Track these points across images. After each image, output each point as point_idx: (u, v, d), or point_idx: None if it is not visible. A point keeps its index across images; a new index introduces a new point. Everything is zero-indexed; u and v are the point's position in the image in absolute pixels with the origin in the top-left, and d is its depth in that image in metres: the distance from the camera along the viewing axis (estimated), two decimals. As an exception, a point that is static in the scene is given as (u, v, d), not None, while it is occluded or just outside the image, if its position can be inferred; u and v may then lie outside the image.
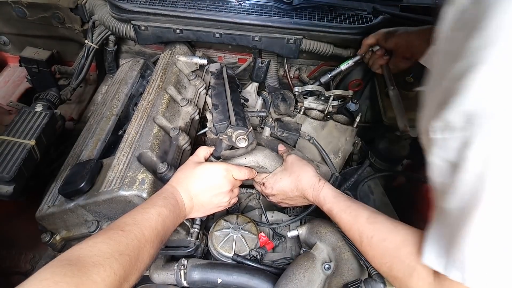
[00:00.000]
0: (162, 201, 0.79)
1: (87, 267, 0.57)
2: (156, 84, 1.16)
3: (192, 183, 0.87)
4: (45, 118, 1.07)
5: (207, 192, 0.89)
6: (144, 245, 0.68)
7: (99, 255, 0.60)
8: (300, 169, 0.99)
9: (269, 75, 1.41)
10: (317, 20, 1.28)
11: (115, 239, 0.65)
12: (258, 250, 0.98)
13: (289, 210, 1.17)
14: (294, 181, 0.98)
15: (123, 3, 1.24)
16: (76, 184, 0.93)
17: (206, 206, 0.90)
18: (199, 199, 0.88)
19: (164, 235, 0.76)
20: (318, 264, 0.88)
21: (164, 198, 0.80)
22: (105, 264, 0.59)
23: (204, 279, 0.92)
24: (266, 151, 1.02)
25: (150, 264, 0.73)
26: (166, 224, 0.76)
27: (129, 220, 0.71)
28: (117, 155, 0.97)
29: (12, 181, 0.95)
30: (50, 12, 1.38)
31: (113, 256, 0.61)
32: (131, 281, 0.64)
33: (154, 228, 0.72)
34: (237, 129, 0.96)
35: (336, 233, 0.92)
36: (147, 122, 1.04)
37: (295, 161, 1.02)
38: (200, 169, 0.90)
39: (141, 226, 0.70)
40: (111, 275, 0.58)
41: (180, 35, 1.27)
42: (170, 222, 0.78)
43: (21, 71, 1.58)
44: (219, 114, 1.02)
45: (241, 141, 0.96)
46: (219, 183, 0.89)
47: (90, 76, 1.59)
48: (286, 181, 1.00)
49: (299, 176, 0.98)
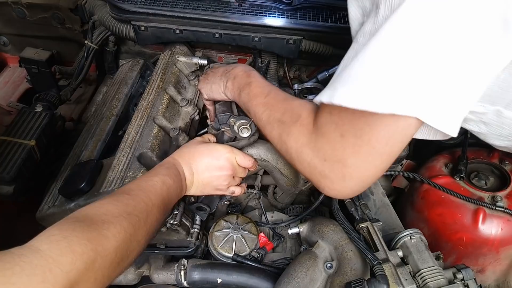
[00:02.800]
0: (165, 171, 0.78)
1: (97, 224, 0.56)
2: (156, 85, 1.16)
3: (195, 158, 0.87)
4: (45, 119, 1.07)
5: (208, 170, 0.87)
6: (152, 209, 0.67)
7: (108, 214, 0.59)
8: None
9: (269, 76, 1.41)
10: (317, 21, 1.28)
11: (122, 201, 0.64)
12: (258, 251, 0.98)
13: (289, 210, 1.17)
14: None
15: (123, 3, 1.24)
16: (76, 184, 0.93)
17: (205, 184, 0.89)
18: (199, 175, 0.87)
19: (169, 204, 0.75)
20: (320, 263, 0.88)
21: (166, 168, 0.80)
22: (115, 221, 0.58)
23: (204, 279, 0.92)
24: (267, 144, 1.02)
25: (158, 229, 0.72)
26: (170, 193, 0.75)
27: (134, 186, 0.70)
28: (117, 155, 0.97)
29: (12, 181, 0.95)
30: (50, 13, 1.38)
31: (121, 215, 0.60)
32: (142, 242, 0.64)
33: (160, 194, 0.71)
34: (240, 119, 0.96)
35: (338, 232, 0.92)
36: (147, 122, 1.04)
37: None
38: (204, 146, 0.90)
39: (147, 192, 0.69)
40: (121, 231, 0.57)
41: (180, 35, 1.27)
42: (174, 191, 0.77)
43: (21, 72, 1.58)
44: (222, 106, 1.03)
45: (244, 130, 0.97)
46: (221, 164, 0.88)
47: (90, 76, 1.59)
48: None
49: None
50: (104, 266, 0.53)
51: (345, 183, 0.66)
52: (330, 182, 0.68)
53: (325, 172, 0.68)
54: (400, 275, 0.80)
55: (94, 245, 0.52)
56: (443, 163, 1.19)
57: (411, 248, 0.88)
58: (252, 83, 0.92)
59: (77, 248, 0.50)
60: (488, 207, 1.03)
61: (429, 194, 1.13)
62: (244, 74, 0.96)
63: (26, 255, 0.46)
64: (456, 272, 0.84)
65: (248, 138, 0.98)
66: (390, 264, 0.83)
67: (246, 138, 0.97)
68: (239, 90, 0.94)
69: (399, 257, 0.87)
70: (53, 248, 0.48)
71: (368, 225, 0.93)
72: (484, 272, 1.14)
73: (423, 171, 1.21)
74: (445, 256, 1.03)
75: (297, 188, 1.12)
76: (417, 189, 1.17)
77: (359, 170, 0.64)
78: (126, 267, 0.61)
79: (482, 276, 1.15)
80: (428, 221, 1.12)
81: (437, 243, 1.10)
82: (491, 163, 1.17)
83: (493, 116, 0.76)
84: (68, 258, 0.48)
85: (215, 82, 1.03)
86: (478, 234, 1.04)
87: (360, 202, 1.06)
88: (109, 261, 0.54)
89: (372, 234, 0.91)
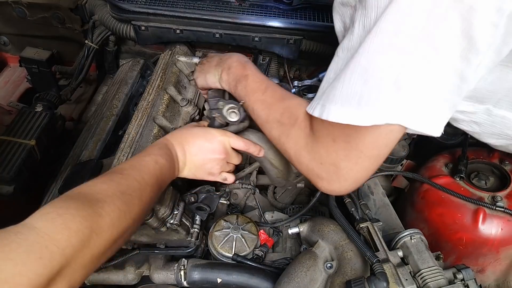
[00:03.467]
0: (158, 151, 0.78)
1: (91, 202, 0.56)
2: (156, 84, 1.16)
3: (187, 139, 0.87)
4: (45, 118, 1.07)
5: (201, 152, 0.87)
6: (145, 187, 0.67)
7: (101, 193, 0.59)
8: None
9: (269, 75, 1.41)
10: (317, 21, 1.28)
11: (115, 180, 0.64)
12: (261, 249, 0.98)
13: (289, 210, 1.17)
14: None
15: (123, 3, 1.24)
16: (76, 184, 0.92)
17: (197, 167, 0.89)
18: (192, 156, 0.87)
19: (162, 183, 0.75)
20: (320, 263, 0.88)
21: (159, 149, 0.79)
22: (108, 200, 0.58)
23: (204, 279, 0.92)
24: (258, 134, 1.02)
25: (151, 207, 0.72)
26: (163, 172, 0.75)
27: (126, 166, 0.71)
28: (117, 155, 0.97)
29: (12, 181, 0.95)
30: (50, 12, 1.38)
31: (115, 194, 0.60)
32: (136, 220, 0.64)
33: (153, 173, 0.71)
34: (229, 103, 0.96)
35: (338, 232, 0.92)
36: (147, 122, 1.04)
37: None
38: (197, 129, 0.90)
39: (140, 171, 0.69)
40: (115, 210, 0.58)
41: (180, 35, 1.27)
42: (167, 171, 0.77)
43: (21, 71, 1.58)
44: (214, 92, 1.02)
45: (232, 115, 0.96)
46: (214, 146, 0.88)
47: (90, 76, 1.59)
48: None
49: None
50: (100, 243, 0.54)
51: (340, 184, 0.71)
52: (327, 183, 0.73)
53: (322, 175, 0.72)
54: (400, 275, 0.80)
55: (89, 223, 0.52)
56: (443, 163, 1.19)
57: (411, 248, 0.88)
58: (248, 76, 0.91)
59: (72, 225, 0.50)
60: (488, 207, 1.03)
61: (429, 194, 1.13)
62: (239, 65, 0.95)
63: (22, 233, 0.47)
64: (456, 272, 0.84)
65: (238, 124, 0.98)
66: (390, 264, 0.83)
67: (235, 122, 0.97)
68: (235, 82, 0.93)
69: (399, 257, 0.87)
70: (49, 226, 0.49)
71: (368, 225, 0.93)
72: (484, 272, 1.14)
73: (423, 171, 1.21)
74: (445, 256, 1.03)
75: (288, 182, 1.12)
76: (417, 189, 1.17)
77: (352, 172, 0.69)
78: (120, 245, 0.62)
79: (482, 276, 1.15)
80: (428, 221, 1.12)
81: (437, 243, 1.10)
82: (491, 163, 1.17)
83: (484, 115, 0.79)
84: (64, 235, 0.49)
85: (209, 72, 1.01)
86: (478, 234, 1.04)
87: (360, 202, 1.06)
88: (105, 238, 0.55)
89: (372, 234, 0.91)
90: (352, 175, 0.69)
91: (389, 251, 0.87)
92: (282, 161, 1.06)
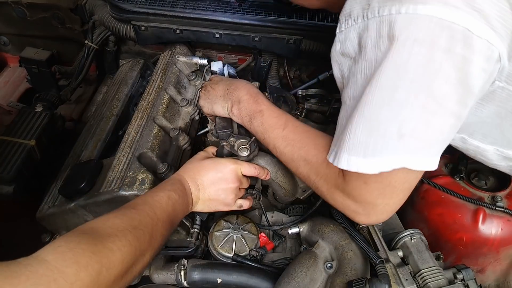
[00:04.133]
0: (171, 186, 0.79)
1: (103, 236, 0.56)
2: (156, 85, 1.16)
3: (200, 173, 0.87)
4: (45, 118, 1.07)
5: (214, 184, 0.87)
6: (157, 223, 0.68)
7: (113, 228, 0.59)
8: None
9: (270, 75, 1.41)
10: (317, 20, 1.27)
11: (128, 215, 0.64)
12: (258, 250, 0.98)
13: (289, 210, 1.17)
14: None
15: (123, 3, 1.24)
16: (76, 184, 0.93)
17: (212, 199, 0.88)
18: (205, 190, 0.87)
19: (174, 219, 0.75)
20: (320, 263, 0.88)
21: (172, 184, 0.80)
22: (120, 235, 0.58)
23: (204, 279, 0.92)
24: (267, 158, 1.02)
25: (163, 244, 0.72)
26: (176, 208, 0.76)
27: (139, 201, 0.71)
28: (117, 155, 0.97)
29: (12, 181, 0.95)
30: (50, 13, 1.38)
31: (127, 229, 0.60)
32: (146, 256, 0.64)
33: (165, 209, 0.72)
34: (240, 139, 0.96)
35: (339, 232, 0.92)
36: (147, 122, 1.04)
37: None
38: (208, 161, 0.90)
39: (152, 206, 0.69)
40: (127, 245, 0.58)
41: (180, 35, 1.27)
42: (180, 207, 0.77)
43: (21, 72, 1.58)
44: (222, 120, 1.01)
45: (243, 150, 0.96)
46: (227, 177, 0.88)
47: (90, 76, 1.59)
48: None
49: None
50: (109, 278, 0.54)
51: (378, 217, 0.76)
52: (365, 217, 0.76)
53: (359, 211, 0.75)
54: (401, 275, 0.81)
55: (99, 257, 0.53)
56: (443, 163, 1.19)
57: (411, 248, 0.88)
58: (263, 111, 0.90)
59: (82, 259, 0.51)
60: (488, 207, 1.03)
61: (429, 194, 1.13)
62: (250, 98, 0.93)
63: (32, 265, 0.47)
64: (456, 272, 0.84)
65: (248, 157, 0.98)
66: (390, 264, 0.83)
67: (246, 157, 0.97)
68: (249, 118, 0.91)
69: (400, 257, 0.87)
70: (59, 259, 0.49)
71: (369, 225, 0.93)
72: (484, 272, 1.14)
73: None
74: (445, 256, 1.03)
75: (295, 197, 1.13)
76: (417, 189, 1.17)
77: (388, 206, 0.73)
78: (130, 281, 0.61)
79: (482, 276, 1.15)
80: (428, 221, 1.12)
81: (437, 243, 1.10)
82: (491, 163, 1.16)
83: (459, 141, 0.85)
84: (73, 269, 0.49)
85: (216, 102, 0.99)
86: (478, 234, 1.04)
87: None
88: (114, 273, 0.55)
89: (373, 234, 0.91)
90: (389, 208, 0.73)
91: (389, 251, 0.88)
92: (290, 182, 1.07)
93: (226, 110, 0.98)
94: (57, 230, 1.04)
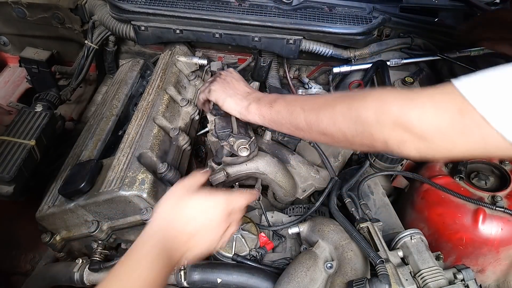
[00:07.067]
0: (151, 254, 0.65)
1: None
2: (156, 85, 1.16)
3: (185, 223, 0.71)
4: (45, 118, 1.07)
5: (203, 230, 0.72)
6: None
7: None
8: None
9: (270, 75, 1.41)
10: (317, 21, 1.28)
11: None
12: (258, 250, 0.98)
13: (289, 210, 1.17)
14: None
15: (123, 3, 1.24)
16: (76, 184, 0.93)
17: (201, 245, 0.73)
18: (193, 240, 0.71)
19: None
20: (320, 263, 0.88)
21: (152, 260, 0.64)
22: None
23: (204, 279, 0.92)
24: (267, 158, 1.02)
25: None
26: (158, 276, 0.64)
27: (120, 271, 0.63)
28: (117, 155, 0.97)
29: (12, 181, 0.95)
30: (50, 13, 1.38)
31: None
32: None
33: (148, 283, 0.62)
34: (239, 138, 0.96)
35: (339, 232, 0.92)
36: (147, 122, 1.04)
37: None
38: (194, 204, 0.72)
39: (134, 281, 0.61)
40: None
41: (180, 35, 1.27)
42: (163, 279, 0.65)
43: (21, 72, 1.58)
44: (221, 120, 1.01)
45: (243, 150, 0.96)
46: (219, 219, 0.73)
47: (90, 76, 1.59)
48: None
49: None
50: None
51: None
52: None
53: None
54: (401, 275, 0.80)
55: None
56: (443, 163, 1.19)
57: (411, 248, 0.88)
58: (283, 95, 0.88)
59: None
60: (488, 207, 1.03)
61: (429, 194, 1.13)
62: (269, 95, 0.92)
63: None
64: (457, 272, 0.84)
65: (247, 156, 0.98)
66: (390, 264, 0.83)
67: (245, 157, 0.97)
68: (270, 104, 0.86)
69: (400, 257, 0.87)
70: None
71: (369, 225, 0.93)
72: (484, 272, 1.14)
73: (423, 171, 1.21)
74: (445, 256, 1.03)
75: (295, 197, 1.13)
76: (417, 189, 1.17)
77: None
78: None
79: (482, 276, 1.15)
80: (428, 221, 1.12)
81: (437, 243, 1.10)
82: (491, 163, 1.16)
83: None
84: None
85: (232, 97, 0.94)
86: (478, 234, 1.04)
87: (360, 202, 1.06)
88: None
89: (373, 234, 0.91)
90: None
91: (389, 251, 0.87)
92: (290, 182, 1.07)
93: (238, 109, 0.92)
94: (57, 230, 1.04)
